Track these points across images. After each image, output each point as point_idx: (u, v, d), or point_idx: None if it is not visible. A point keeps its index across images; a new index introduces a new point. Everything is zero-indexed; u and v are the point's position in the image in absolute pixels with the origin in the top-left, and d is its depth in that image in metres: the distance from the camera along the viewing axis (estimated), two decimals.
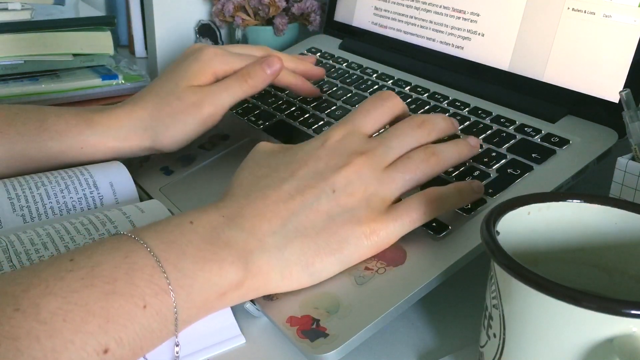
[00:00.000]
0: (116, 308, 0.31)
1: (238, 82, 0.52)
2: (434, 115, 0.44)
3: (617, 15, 0.46)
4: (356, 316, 0.36)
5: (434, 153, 0.41)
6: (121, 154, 0.52)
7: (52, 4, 0.82)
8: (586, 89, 0.48)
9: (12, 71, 0.74)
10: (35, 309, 0.29)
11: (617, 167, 0.39)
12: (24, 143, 0.50)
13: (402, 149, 0.41)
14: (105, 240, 0.35)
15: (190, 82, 0.52)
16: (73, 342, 0.29)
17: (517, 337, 0.29)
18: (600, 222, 0.33)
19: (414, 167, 0.40)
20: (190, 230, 0.35)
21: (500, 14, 0.54)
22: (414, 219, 0.39)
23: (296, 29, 0.83)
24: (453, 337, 0.39)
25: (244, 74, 0.53)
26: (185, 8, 0.87)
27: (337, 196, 0.38)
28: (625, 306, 0.25)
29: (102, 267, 0.32)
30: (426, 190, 0.40)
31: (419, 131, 0.42)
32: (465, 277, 0.41)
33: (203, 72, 0.52)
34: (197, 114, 0.51)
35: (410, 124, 0.42)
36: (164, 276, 0.33)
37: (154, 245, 0.34)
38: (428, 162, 0.40)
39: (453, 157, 0.42)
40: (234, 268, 0.35)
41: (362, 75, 0.63)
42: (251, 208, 0.37)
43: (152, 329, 0.32)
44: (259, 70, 0.53)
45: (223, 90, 0.52)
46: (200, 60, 0.53)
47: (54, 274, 0.31)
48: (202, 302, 0.34)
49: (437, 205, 0.39)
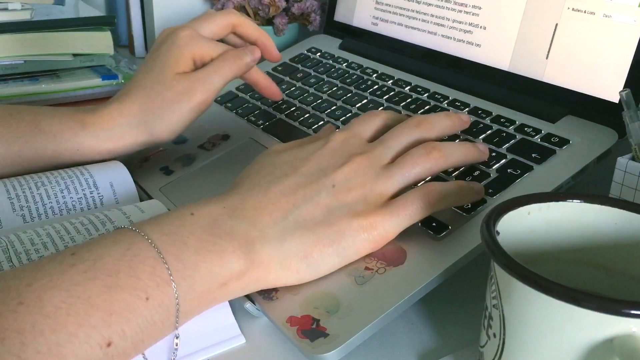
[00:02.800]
0: (119, 301, 0.31)
1: (227, 64, 0.52)
2: (435, 114, 0.44)
3: (617, 15, 0.46)
4: (356, 316, 0.36)
5: (435, 147, 0.41)
6: (118, 153, 0.52)
7: (52, 4, 0.82)
8: (586, 89, 0.48)
9: (12, 71, 0.74)
10: (39, 303, 0.29)
11: (617, 167, 0.39)
12: (19, 144, 0.50)
13: (401, 147, 0.42)
14: (107, 234, 0.35)
15: (175, 70, 0.51)
16: (77, 336, 0.30)
17: (517, 337, 0.29)
18: (600, 222, 0.33)
19: (413, 162, 0.40)
20: (191, 221, 0.36)
21: (500, 14, 0.54)
22: (411, 213, 0.39)
23: (296, 29, 0.83)
24: (453, 337, 0.39)
25: (232, 56, 0.52)
26: (185, 8, 0.87)
27: (337, 191, 0.39)
28: (625, 306, 0.25)
29: (104, 260, 0.32)
30: (425, 185, 0.40)
31: (416, 130, 0.43)
32: (465, 277, 0.41)
33: (182, 57, 0.52)
34: (190, 101, 0.51)
35: (408, 123, 0.43)
36: (166, 267, 0.33)
37: (155, 237, 0.34)
38: (428, 156, 0.41)
39: (458, 156, 0.42)
40: (235, 257, 0.35)
41: (362, 75, 0.63)
42: (253, 200, 0.38)
43: (155, 321, 0.32)
44: (245, 54, 0.53)
45: (212, 73, 0.51)
46: (176, 45, 0.52)
47: (56, 267, 0.31)
48: (204, 293, 0.34)
49: (435, 200, 0.39)
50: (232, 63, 0.52)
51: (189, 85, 0.51)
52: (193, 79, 0.51)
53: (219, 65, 0.52)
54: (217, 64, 0.52)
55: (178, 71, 0.51)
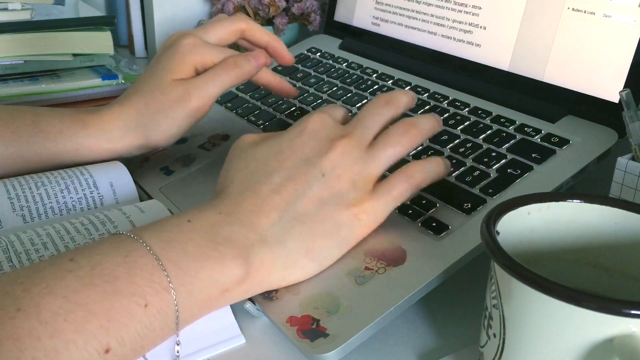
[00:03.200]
0: (117, 307, 0.31)
1: (225, 72, 0.51)
2: (395, 91, 0.45)
3: (617, 15, 0.46)
4: (356, 316, 0.36)
5: (412, 124, 0.42)
6: (117, 154, 0.52)
7: (52, 4, 0.82)
8: (586, 89, 0.48)
9: (12, 71, 0.74)
10: (37, 309, 0.29)
11: (617, 167, 0.39)
12: (19, 145, 0.50)
13: (378, 126, 0.42)
14: (104, 240, 0.35)
15: (174, 76, 0.51)
16: (75, 342, 0.29)
17: (517, 337, 0.29)
18: (600, 222, 0.33)
19: (395, 141, 0.41)
20: (189, 228, 0.36)
21: (500, 14, 0.54)
22: (398, 194, 0.40)
23: (296, 29, 0.83)
24: (453, 337, 0.39)
25: (230, 64, 0.52)
26: (186, 8, 0.87)
27: (327, 180, 0.39)
28: (625, 306, 0.25)
29: (103, 267, 0.32)
30: (407, 166, 0.41)
31: (387, 107, 0.43)
32: (465, 277, 0.41)
33: (183, 63, 0.51)
34: (186, 107, 0.50)
35: (378, 102, 0.43)
36: (165, 274, 0.33)
37: (154, 244, 0.34)
38: (407, 134, 0.41)
39: (429, 128, 0.43)
40: (235, 264, 0.35)
41: (362, 75, 0.63)
42: (247, 203, 0.38)
43: (154, 327, 0.32)
44: (245, 62, 0.52)
45: (209, 80, 0.51)
46: (178, 52, 0.52)
47: (54, 273, 0.31)
48: (204, 300, 0.34)
49: (419, 180, 0.41)
50: (230, 70, 0.51)
51: (185, 91, 0.50)
52: (189, 85, 0.51)
53: (217, 73, 0.51)
54: (214, 71, 0.51)
55: (176, 77, 0.51)
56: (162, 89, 0.51)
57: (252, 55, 0.53)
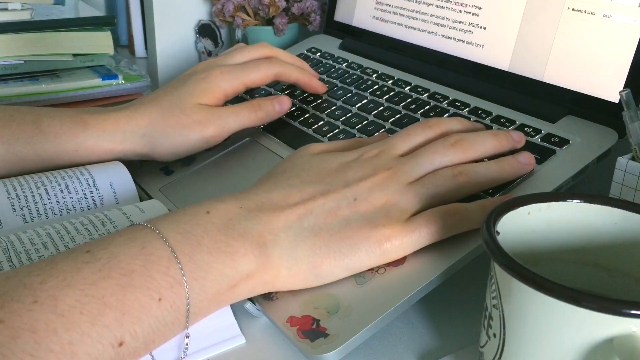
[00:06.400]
0: (132, 301, 0.31)
1: (247, 111, 0.54)
2: (476, 133, 0.43)
3: (617, 15, 0.46)
4: (356, 316, 0.36)
5: (461, 172, 0.40)
6: (116, 156, 0.53)
7: (52, 4, 0.82)
8: (586, 89, 0.48)
9: (12, 71, 0.74)
10: (53, 302, 0.30)
11: (617, 167, 0.39)
12: (19, 145, 0.50)
13: (431, 167, 0.41)
14: (121, 231, 0.35)
15: (199, 100, 0.53)
16: (90, 335, 0.30)
17: (517, 337, 0.29)
18: (600, 222, 0.33)
19: (439, 183, 0.40)
20: (206, 220, 0.36)
21: (500, 14, 0.54)
22: (430, 232, 0.38)
23: (296, 29, 0.83)
24: (453, 337, 0.39)
25: (255, 105, 0.54)
26: (185, 8, 0.87)
27: (358, 203, 0.38)
28: (625, 306, 0.25)
29: (119, 259, 0.32)
30: (447, 205, 0.39)
31: (452, 150, 0.41)
32: (465, 277, 0.41)
33: (212, 92, 0.53)
34: (202, 132, 0.52)
35: (444, 142, 0.42)
36: (179, 268, 0.33)
37: (170, 235, 0.34)
38: (455, 180, 0.40)
39: (488, 178, 0.41)
40: (246, 259, 0.35)
41: (362, 75, 0.63)
42: (270, 203, 0.38)
43: (166, 322, 0.33)
44: (270, 106, 0.55)
45: (231, 114, 0.53)
46: (209, 81, 0.54)
47: (71, 265, 0.32)
48: (214, 295, 0.34)
49: (457, 220, 0.38)
50: (253, 112, 0.54)
51: (206, 117, 0.52)
52: (211, 112, 0.53)
53: (241, 110, 0.54)
54: (239, 108, 0.54)
55: (201, 102, 0.53)
56: (184, 109, 0.52)
57: (278, 101, 0.56)
